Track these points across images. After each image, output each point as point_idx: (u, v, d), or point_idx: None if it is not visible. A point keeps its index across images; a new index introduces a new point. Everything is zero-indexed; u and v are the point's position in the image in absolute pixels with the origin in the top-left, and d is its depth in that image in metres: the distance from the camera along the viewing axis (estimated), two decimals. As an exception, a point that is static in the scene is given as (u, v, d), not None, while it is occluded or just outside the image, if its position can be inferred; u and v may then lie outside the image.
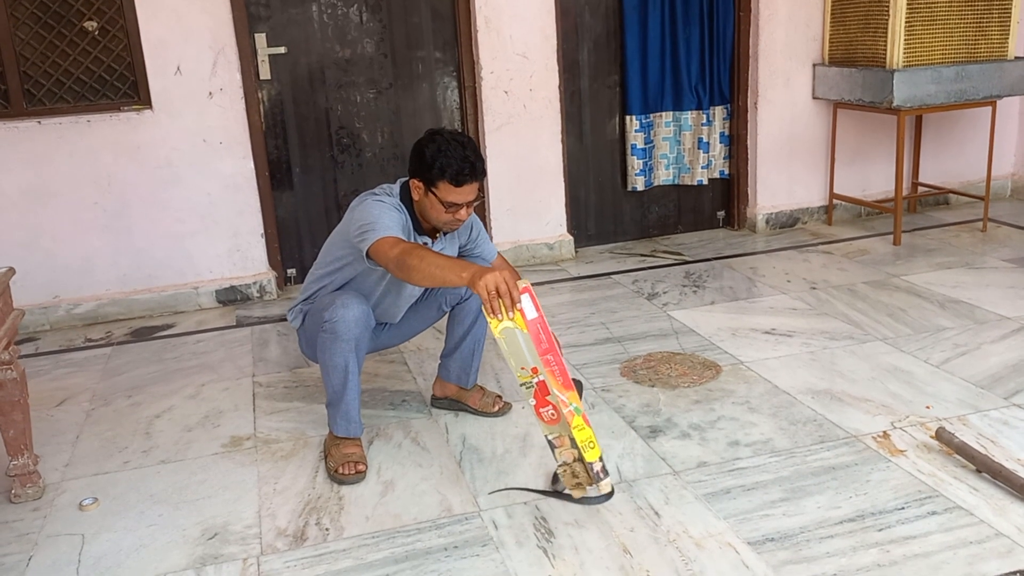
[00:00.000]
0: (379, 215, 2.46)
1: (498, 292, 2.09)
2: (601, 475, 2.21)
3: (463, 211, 2.50)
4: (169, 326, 3.98)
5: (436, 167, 2.43)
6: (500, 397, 2.92)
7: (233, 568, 2.16)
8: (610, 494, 2.28)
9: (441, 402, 2.95)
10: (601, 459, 2.22)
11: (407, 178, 2.58)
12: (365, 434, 2.78)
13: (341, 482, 2.52)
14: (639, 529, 2.22)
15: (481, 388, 2.94)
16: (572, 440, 2.18)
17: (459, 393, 2.92)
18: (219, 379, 3.34)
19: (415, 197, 2.54)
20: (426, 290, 2.81)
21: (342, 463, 2.55)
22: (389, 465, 2.61)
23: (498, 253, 2.88)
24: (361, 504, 2.41)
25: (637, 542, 2.16)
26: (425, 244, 2.58)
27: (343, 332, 2.48)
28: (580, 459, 2.21)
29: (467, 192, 2.47)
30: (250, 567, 2.16)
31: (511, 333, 2.12)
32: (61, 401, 3.21)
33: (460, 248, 2.76)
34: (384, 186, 2.64)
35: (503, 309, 2.10)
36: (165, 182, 4.03)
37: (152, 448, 2.81)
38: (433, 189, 2.46)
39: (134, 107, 3.94)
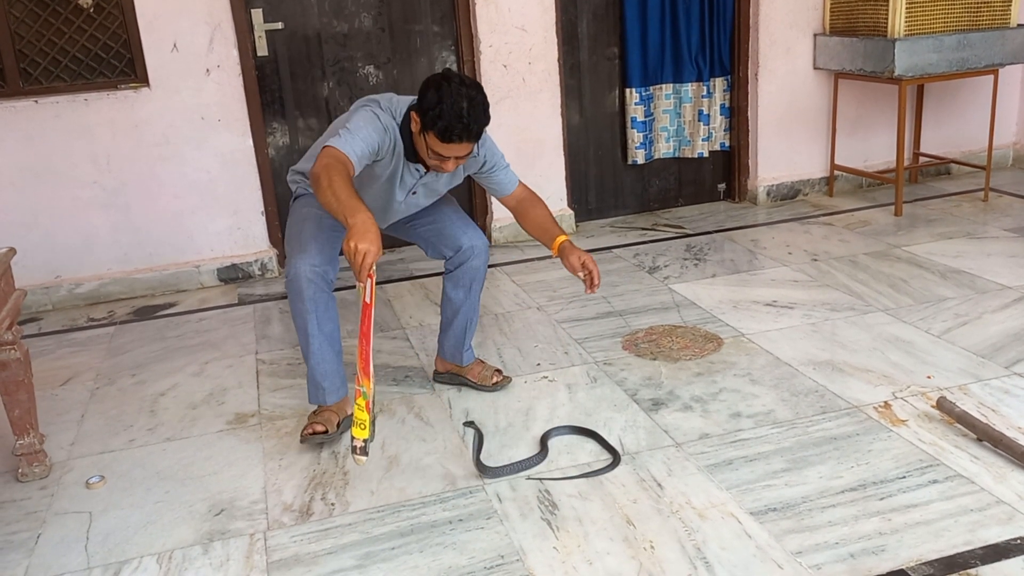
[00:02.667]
0: (358, 128, 2.37)
1: (352, 259, 2.08)
2: (357, 451, 2.20)
3: (449, 163, 2.42)
4: (171, 304, 3.98)
5: (430, 115, 2.33)
6: (499, 371, 2.93)
7: (240, 543, 2.18)
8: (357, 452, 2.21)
9: (442, 376, 2.96)
10: (365, 440, 2.18)
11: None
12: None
13: (302, 440, 2.55)
14: (642, 500, 2.23)
15: (481, 362, 2.95)
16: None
17: (458, 368, 2.93)
18: (222, 357, 3.35)
19: (413, 129, 2.44)
20: (428, 215, 2.78)
21: (306, 424, 2.59)
22: (393, 440, 2.63)
23: (519, 183, 2.75)
24: (366, 479, 2.43)
25: (640, 513, 2.18)
26: (417, 171, 2.56)
27: (297, 289, 2.46)
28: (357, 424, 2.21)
29: (454, 149, 2.37)
30: (257, 542, 2.18)
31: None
32: (65, 380, 3.22)
33: (472, 175, 2.68)
34: (396, 99, 2.53)
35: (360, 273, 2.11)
36: (164, 160, 4.02)
37: (157, 426, 2.83)
38: (424, 133, 2.38)
39: (131, 85, 3.92)
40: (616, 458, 2.41)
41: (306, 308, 2.49)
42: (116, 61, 3.91)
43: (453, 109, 2.30)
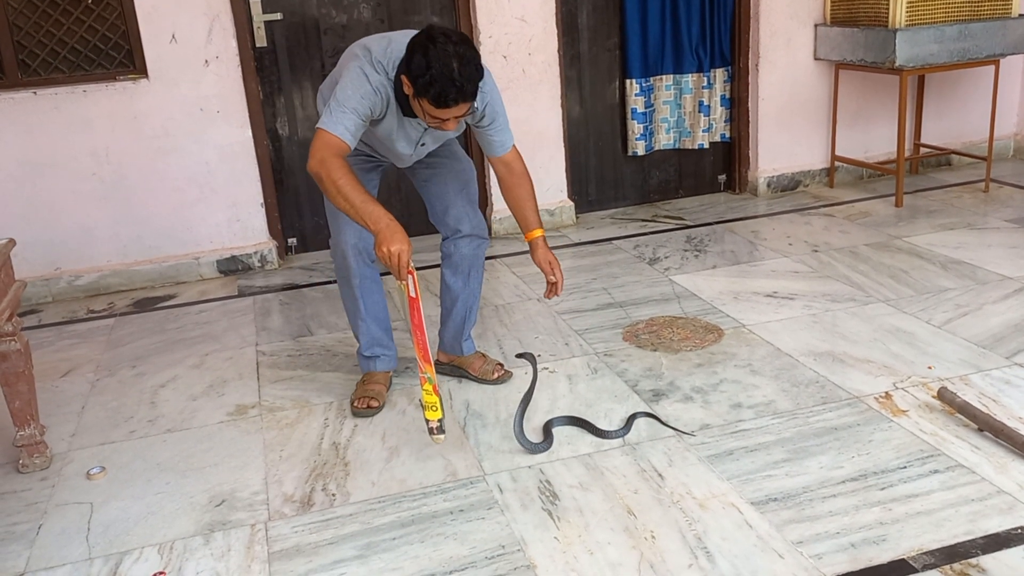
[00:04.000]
0: (346, 98, 2.31)
1: (389, 263, 2.24)
2: (435, 431, 2.35)
3: (449, 123, 2.31)
4: (171, 296, 3.98)
5: (421, 82, 2.20)
6: (501, 365, 2.93)
7: (241, 534, 2.18)
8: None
9: (444, 367, 2.95)
10: (440, 420, 2.34)
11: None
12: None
13: (355, 415, 2.73)
14: (643, 491, 2.23)
15: (482, 355, 2.95)
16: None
17: (460, 360, 2.93)
18: (222, 348, 3.35)
19: (406, 92, 2.31)
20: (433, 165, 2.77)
21: (359, 396, 2.76)
22: (394, 432, 2.63)
23: (514, 148, 2.65)
24: (367, 470, 2.43)
25: (641, 503, 2.18)
26: (420, 124, 2.47)
27: (344, 263, 2.69)
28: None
29: (452, 112, 2.26)
30: (258, 533, 2.18)
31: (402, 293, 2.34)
32: (66, 372, 3.22)
33: (472, 126, 2.59)
34: (390, 50, 2.37)
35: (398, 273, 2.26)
36: (163, 152, 4.01)
37: (158, 417, 2.83)
38: (418, 99, 2.27)
39: (130, 76, 3.91)
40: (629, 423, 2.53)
41: (353, 280, 2.70)
42: (115, 52, 3.90)
43: (444, 73, 2.18)
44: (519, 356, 2.51)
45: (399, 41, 2.36)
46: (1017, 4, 4.42)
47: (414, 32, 2.33)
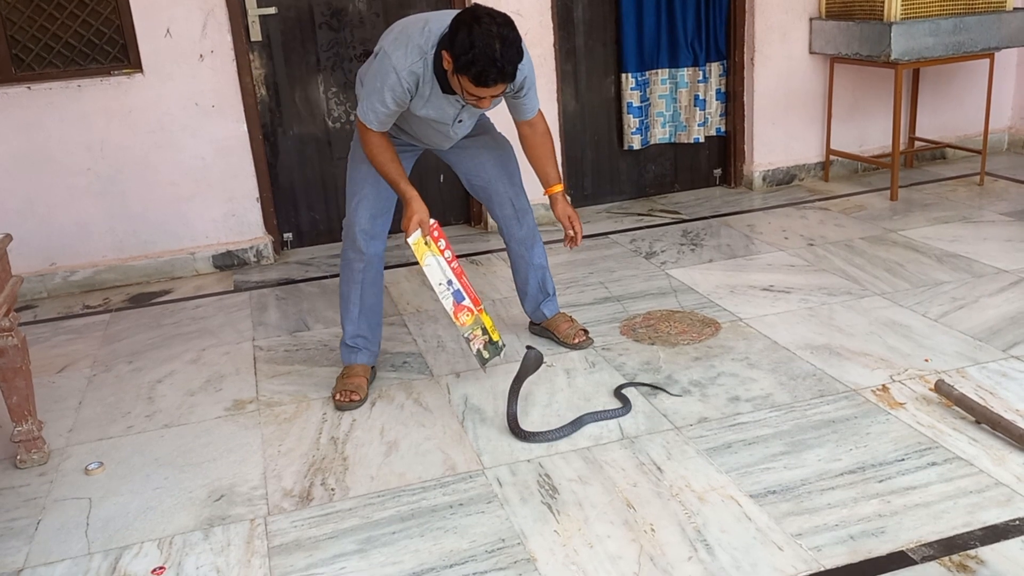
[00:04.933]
0: (373, 91, 2.48)
1: (410, 227, 2.58)
2: (502, 346, 2.81)
3: (485, 101, 2.43)
4: (167, 292, 3.97)
5: (463, 60, 2.28)
6: (584, 331, 3.08)
7: (241, 529, 2.18)
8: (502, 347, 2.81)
9: (535, 328, 3.18)
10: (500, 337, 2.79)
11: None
12: (369, 396, 2.79)
13: (338, 408, 2.74)
14: (642, 484, 2.24)
15: (569, 318, 3.12)
16: (483, 328, 2.73)
17: (546, 323, 3.12)
18: (219, 344, 3.34)
19: (446, 67, 2.39)
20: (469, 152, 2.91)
21: (339, 390, 2.77)
22: (392, 426, 2.63)
23: (539, 110, 2.77)
24: (366, 464, 2.43)
25: (640, 497, 2.19)
26: (457, 101, 2.54)
27: (352, 253, 2.80)
28: (490, 341, 2.76)
29: (491, 90, 2.36)
30: (258, 527, 2.18)
31: (431, 260, 2.66)
32: (62, 368, 3.21)
33: (506, 98, 2.66)
34: (427, 31, 2.44)
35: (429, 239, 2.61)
36: (158, 147, 4.00)
37: (155, 413, 2.82)
38: (458, 75, 2.35)
39: (124, 71, 3.89)
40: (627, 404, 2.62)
41: (356, 264, 2.80)
42: (109, 47, 3.88)
43: (486, 53, 2.25)
44: (529, 348, 2.54)
45: (437, 20, 2.46)
46: (1012, -3, 4.44)
47: (449, 12, 2.44)
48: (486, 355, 2.75)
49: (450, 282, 2.68)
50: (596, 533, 2.06)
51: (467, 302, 2.71)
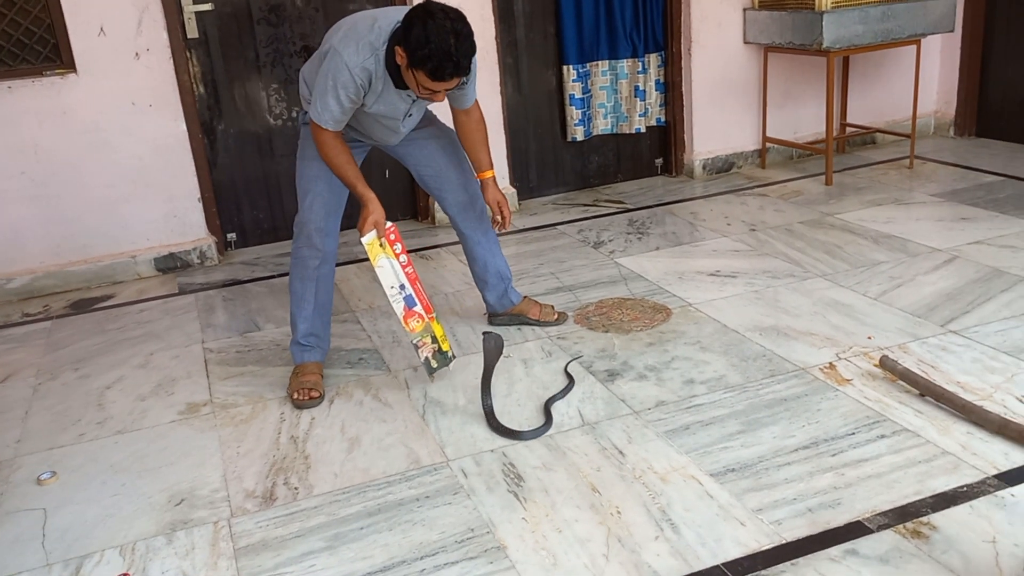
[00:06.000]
0: (326, 90, 2.47)
1: (365, 226, 2.59)
2: (452, 357, 2.80)
3: (439, 95, 2.46)
4: (109, 296, 3.88)
5: (419, 55, 2.31)
6: (552, 307, 3.16)
7: (205, 531, 2.15)
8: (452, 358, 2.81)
9: (500, 319, 3.16)
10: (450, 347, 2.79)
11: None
12: (327, 394, 2.78)
13: (297, 407, 2.71)
14: (605, 468, 2.28)
15: (534, 301, 3.17)
16: (433, 336, 2.73)
17: (515, 309, 3.14)
18: (168, 347, 3.28)
19: (399, 62, 2.41)
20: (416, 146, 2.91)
21: (296, 389, 2.75)
22: (352, 422, 2.62)
23: (475, 101, 2.83)
24: (328, 462, 2.42)
25: (604, 480, 2.22)
26: (409, 96, 2.57)
27: (305, 251, 2.77)
28: (438, 350, 2.74)
29: (446, 84, 2.40)
30: (222, 529, 2.16)
31: (385, 262, 2.64)
32: (5, 378, 3.11)
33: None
34: (377, 27, 2.45)
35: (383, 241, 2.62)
36: (94, 148, 3.89)
37: (106, 419, 2.76)
38: (413, 70, 2.37)
39: (57, 71, 3.78)
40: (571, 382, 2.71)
41: (310, 261, 2.78)
42: (40, 47, 3.77)
43: (442, 48, 2.29)
44: (486, 334, 2.53)
45: (385, 17, 2.48)
46: (935, -14, 4.59)
47: (397, 9, 2.47)
48: (434, 364, 2.73)
49: (403, 286, 2.67)
50: (564, 518, 2.09)
51: (419, 308, 2.70)
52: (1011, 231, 3.72)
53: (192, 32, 4.01)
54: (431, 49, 2.29)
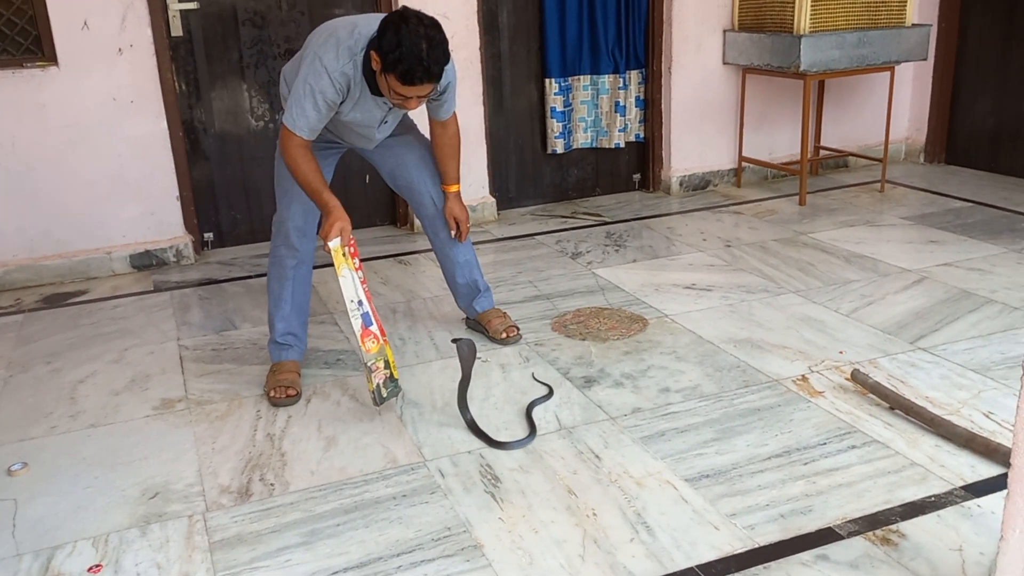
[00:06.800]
0: (305, 95, 2.45)
1: (329, 235, 2.48)
2: (400, 386, 2.64)
3: (411, 102, 2.46)
4: (83, 292, 3.84)
5: (390, 58, 2.33)
6: (515, 327, 3.11)
7: (179, 525, 2.14)
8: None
9: (471, 323, 3.20)
10: (373, 392, 2.56)
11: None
12: (303, 393, 2.77)
13: (275, 405, 2.70)
14: (582, 472, 2.30)
15: (501, 314, 3.14)
16: (386, 361, 2.57)
17: (479, 317, 3.14)
18: (142, 344, 3.25)
19: (374, 67, 2.42)
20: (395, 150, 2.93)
21: (273, 387, 2.74)
22: (329, 422, 2.62)
23: (454, 113, 2.86)
24: (305, 459, 2.41)
25: (581, 483, 2.24)
26: (385, 103, 2.58)
27: (283, 251, 2.79)
28: (389, 377, 2.58)
29: (416, 90, 2.41)
30: (196, 523, 2.15)
31: (347, 272, 2.53)
32: (-26, 369, 3.08)
33: (428, 100, 2.70)
34: (357, 33, 2.47)
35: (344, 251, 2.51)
36: (73, 143, 3.86)
37: (79, 413, 2.73)
38: (385, 74, 2.39)
39: (38, 64, 3.75)
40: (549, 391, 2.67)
41: (288, 260, 2.80)
42: (21, 38, 3.74)
43: (413, 52, 2.31)
44: (454, 341, 2.54)
45: (365, 23, 2.48)
46: (911, 14, 4.71)
47: (377, 15, 2.47)
48: (384, 393, 2.55)
49: (360, 302, 2.55)
50: (540, 519, 2.11)
51: (374, 328, 2.56)
52: (978, 255, 3.82)
53: (176, 30, 4.00)
54: (402, 53, 2.31)
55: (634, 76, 4.90)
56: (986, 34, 5.14)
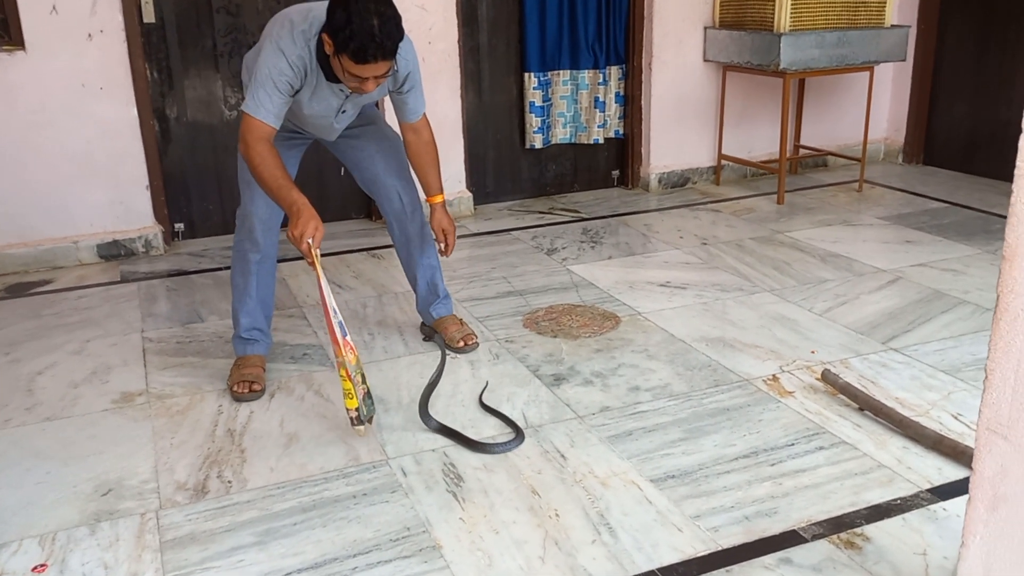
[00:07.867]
0: (265, 79, 2.35)
1: (299, 244, 2.30)
2: (353, 422, 2.32)
3: (368, 84, 2.32)
4: (47, 282, 3.76)
5: (341, 37, 2.21)
6: (472, 335, 2.99)
7: (130, 523, 2.09)
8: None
9: (426, 329, 3.08)
10: (357, 409, 2.29)
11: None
12: (267, 388, 2.72)
13: (237, 399, 2.65)
14: (546, 471, 2.26)
15: (458, 321, 3.03)
16: (363, 376, 2.34)
17: (435, 324, 3.03)
18: (105, 335, 3.19)
19: (327, 51, 2.31)
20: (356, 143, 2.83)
21: (236, 381, 2.68)
22: (292, 417, 2.57)
23: (424, 114, 2.75)
24: (264, 456, 2.36)
25: (545, 483, 2.21)
26: (341, 91, 2.50)
27: (247, 244, 2.71)
28: (367, 393, 2.36)
29: (371, 69, 2.27)
30: (148, 521, 2.09)
31: (324, 277, 2.32)
32: (-70, 359, 3.01)
33: (391, 91, 2.64)
34: (312, 17, 2.38)
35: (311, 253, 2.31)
36: (39, 128, 3.79)
37: (35, 405, 2.67)
38: (338, 56, 2.27)
39: (5, 47, 3.67)
40: (519, 434, 2.42)
41: (252, 255, 2.72)
42: (-13, 21, 3.66)
43: (364, 28, 2.19)
44: (426, 340, 2.50)
45: (320, 8, 2.37)
46: (890, 15, 4.69)
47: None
48: (365, 410, 2.32)
49: (335, 311, 2.30)
50: (501, 519, 2.07)
51: (350, 339, 2.31)
52: (953, 255, 3.81)
53: (149, 16, 3.93)
54: (352, 30, 2.19)
55: (614, 72, 4.86)
56: (964, 38, 5.13)
